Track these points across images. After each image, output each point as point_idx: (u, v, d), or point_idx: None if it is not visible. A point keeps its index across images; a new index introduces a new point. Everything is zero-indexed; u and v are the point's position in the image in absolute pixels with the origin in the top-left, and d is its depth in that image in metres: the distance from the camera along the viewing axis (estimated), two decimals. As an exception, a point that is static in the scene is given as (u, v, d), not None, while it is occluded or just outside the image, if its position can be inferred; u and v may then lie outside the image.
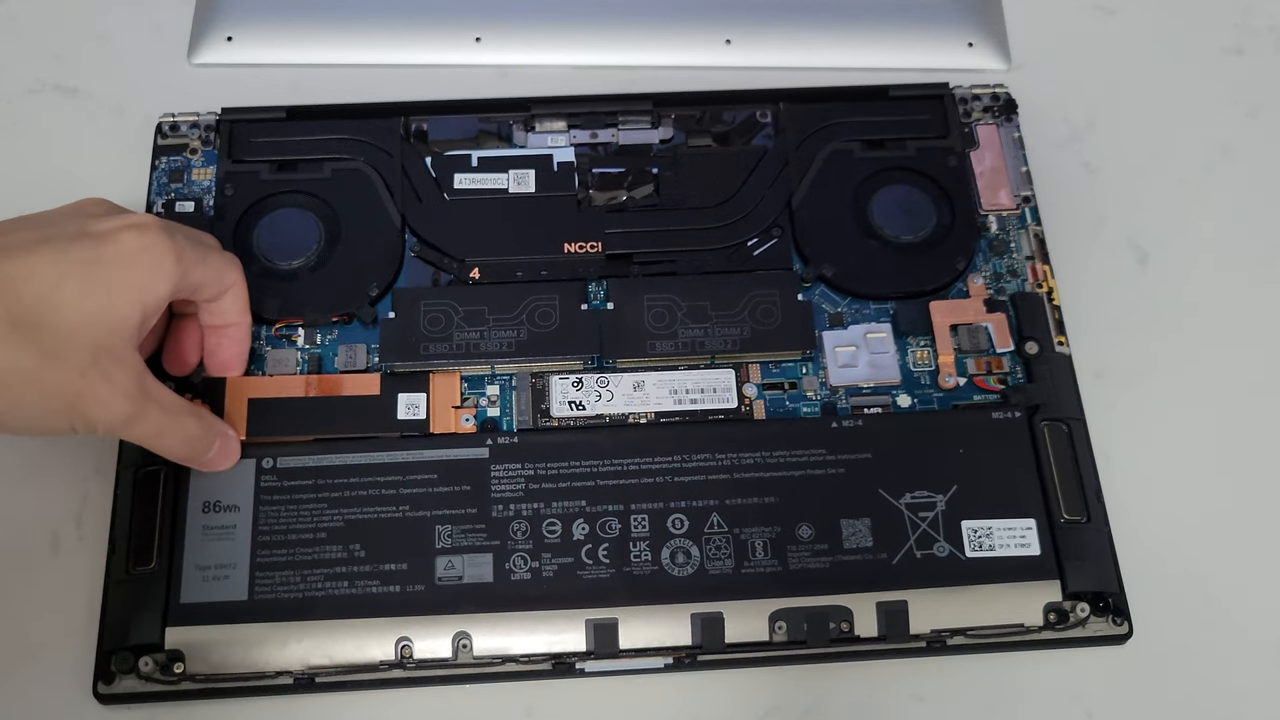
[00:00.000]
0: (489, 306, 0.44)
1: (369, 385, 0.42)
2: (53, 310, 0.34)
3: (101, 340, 0.35)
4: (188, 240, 0.38)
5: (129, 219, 0.37)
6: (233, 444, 0.41)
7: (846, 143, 0.48)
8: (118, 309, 0.36)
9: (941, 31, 0.53)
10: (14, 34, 0.52)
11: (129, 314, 0.36)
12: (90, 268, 0.35)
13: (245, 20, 0.52)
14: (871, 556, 0.40)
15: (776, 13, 0.53)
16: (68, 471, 0.43)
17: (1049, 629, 0.40)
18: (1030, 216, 0.47)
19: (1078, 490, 0.42)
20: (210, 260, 0.39)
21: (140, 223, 0.37)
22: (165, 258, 0.37)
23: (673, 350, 0.43)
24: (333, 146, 0.47)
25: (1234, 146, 0.51)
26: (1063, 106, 0.51)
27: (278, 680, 0.39)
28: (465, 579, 0.40)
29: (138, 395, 0.36)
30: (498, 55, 0.52)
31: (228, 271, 0.40)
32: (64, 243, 0.36)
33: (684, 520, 0.41)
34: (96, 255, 0.36)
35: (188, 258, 0.38)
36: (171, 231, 0.38)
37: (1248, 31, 0.54)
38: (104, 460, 0.43)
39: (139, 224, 0.37)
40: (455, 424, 0.42)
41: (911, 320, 0.44)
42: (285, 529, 0.40)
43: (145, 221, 0.37)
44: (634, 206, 0.46)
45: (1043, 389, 0.43)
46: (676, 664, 0.40)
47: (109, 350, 0.36)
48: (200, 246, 0.39)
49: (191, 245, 0.38)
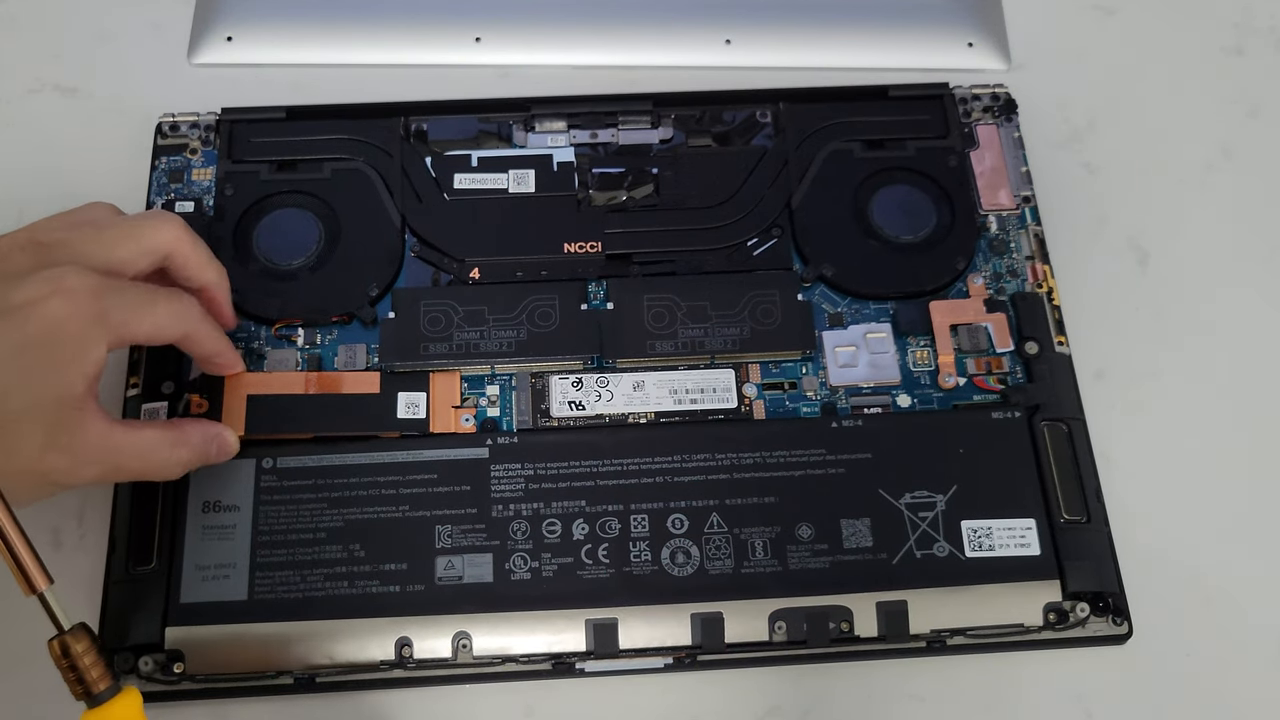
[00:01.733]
0: (489, 306, 0.44)
1: (369, 383, 0.42)
2: (4, 396, 0.34)
3: (51, 418, 0.34)
4: (121, 295, 0.36)
5: (51, 281, 0.35)
6: (226, 441, 0.40)
7: (846, 143, 0.48)
8: (58, 385, 0.34)
9: (941, 31, 0.53)
10: (14, 34, 0.52)
11: (71, 385, 0.34)
12: (18, 356, 0.34)
13: (245, 20, 0.52)
14: (871, 556, 0.40)
15: (776, 13, 0.53)
16: (68, 471, 0.43)
17: (1049, 629, 0.40)
18: (1030, 216, 0.47)
19: (1078, 490, 0.42)
20: (150, 311, 0.37)
21: (64, 287, 0.35)
22: (90, 326, 0.35)
23: (673, 350, 0.43)
24: (333, 146, 0.47)
25: (1234, 146, 0.51)
26: (1063, 106, 0.51)
27: (278, 680, 0.39)
28: (465, 579, 0.40)
29: (104, 455, 0.36)
30: (498, 55, 0.52)
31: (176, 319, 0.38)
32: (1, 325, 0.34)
33: (684, 520, 0.41)
34: (21, 338, 0.34)
35: (115, 319, 0.35)
36: (99, 292, 0.35)
37: (1248, 31, 0.54)
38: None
39: (61, 289, 0.34)
40: (455, 423, 0.42)
41: (911, 320, 0.44)
42: (285, 529, 0.40)
43: (71, 286, 0.35)
44: (634, 206, 0.46)
45: (1043, 389, 0.43)
46: (676, 664, 0.40)
47: (62, 424, 0.35)
48: (140, 296, 0.37)
49: (127, 298, 0.36)
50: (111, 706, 0.33)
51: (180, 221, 0.39)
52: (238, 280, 0.44)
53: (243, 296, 0.44)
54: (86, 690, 0.33)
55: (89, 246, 0.37)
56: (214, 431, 0.40)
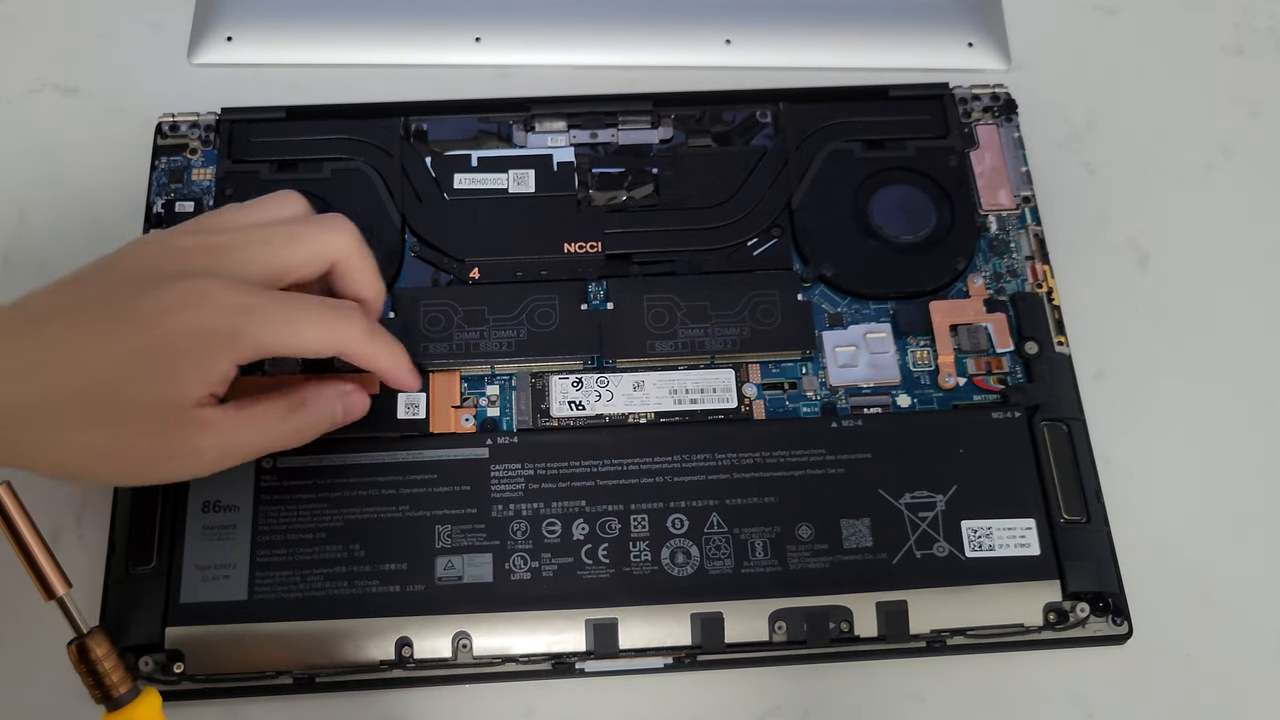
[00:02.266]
0: (489, 306, 0.44)
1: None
2: (118, 394, 0.34)
3: (167, 416, 0.34)
4: (264, 313, 0.35)
5: (190, 294, 0.34)
6: (353, 401, 0.39)
7: (846, 143, 0.48)
8: (179, 390, 0.34)
9: (941, 31, 0.53)
10: (14, 34, 0.52)
11: (188, 393, 0.34)
12: (135, 358, 0.34)
13: (245, 20, 0.52)
14: (871, 556, 0.40)
15: (776, 13, 0.53)
16: (68, 471, 0.43)
17: (1049, 629, 0.40)
18: (1030, 216, 0.47)
19: (1078, 490, 0.42)
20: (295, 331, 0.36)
21: (202, 302, 0.34)
22: (218, 341, 0.34)
23: (672, 350, 0.43)
24: (333, 146, 0.47)
25: (1234, 146, 0.51)
26: (1063, 106, 0.51)
27: (278, 680, 0.39)
28: (465, 579, 0.40)
29: (218, 448, 0.35)
30: (498, 55, 0.52)
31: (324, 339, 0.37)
32: (124, 325, 0.34)
33: (684, 520, 0.41)
34: (140, 343, 0.34)
35: (249, 338, 0.35)
36: (239, 310, 0.34)
37: (1248, 31, 0.54)
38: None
39: (198, 303, 0.34)
40: (455, 424, 0.42)
41: (911, 320, 0.44)
42: (285, 529, 0.40)
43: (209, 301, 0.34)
44: (634, 206, 0.46)
45: (1043, 389, 0.43)
46: (676, 664, 0.40)
47: (178, 422, 0.35)
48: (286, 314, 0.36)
49: (270, 317, 0.35)
50: (132, 709, 0.33)
51: (354, 230, 0.38)
52: (238, 280, 0.43)
53: (243, 296, 0.44)
54: (106, 694, 0.33)
55: (250, 250, 0.36)
56: (336, 391, 0.39)
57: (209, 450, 0.35)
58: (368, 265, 0.39)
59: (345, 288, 0.39)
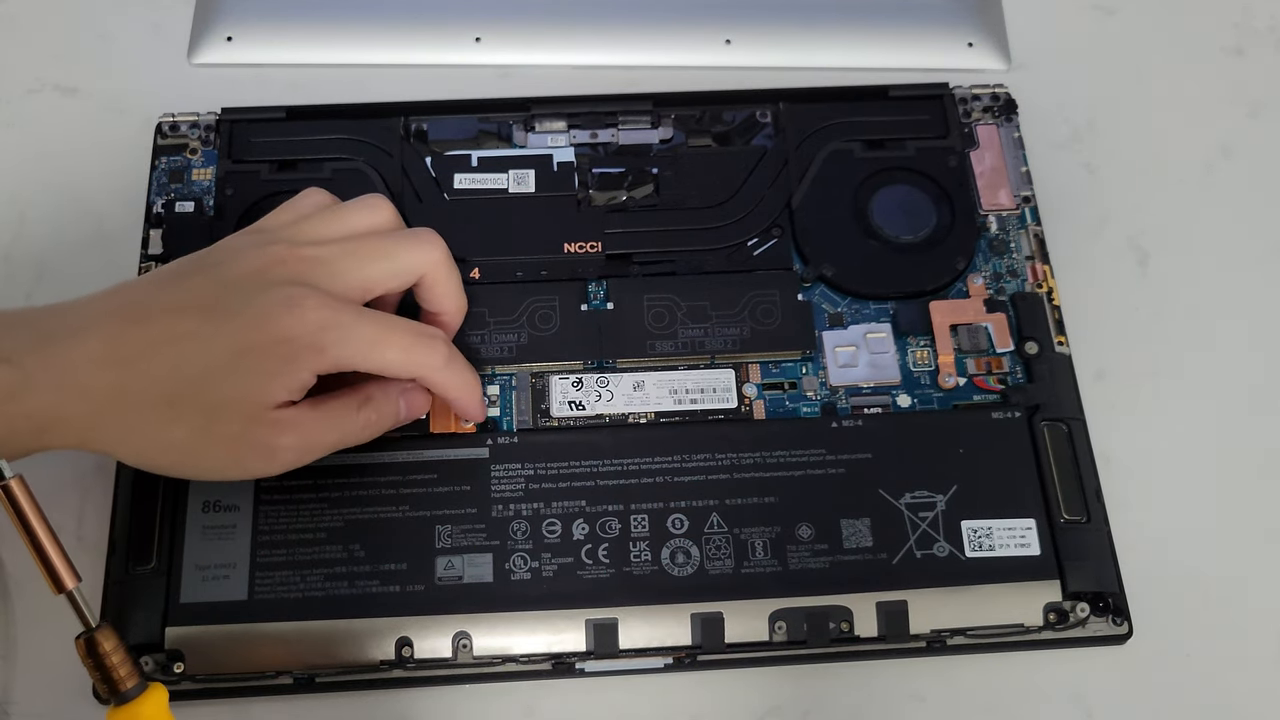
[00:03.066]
0: (489, 308, 0.44)
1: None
2: (203, 390, 0.35)
3: (251, 414, 0.36)
4: (351, 331, 0.36)
5: (290, 302, 0.35)
6: (414, 400, 0.40)
7: (846, 143, 0.48)
8: (264, 393, 0.35)
9: (941, 31, 0.53)
10: (14, 34, 0.52)
11: (274, 395, 0.36)
12: (238, 358, 0.35)
13: (245, 20, 0.52)
14: (871, 556, 0.40)
15: (776, 13, 0.53)
16: (68, 470, 0.43)
17: (1049, 629, 0.40)
18: (1030, 216, 0.47)
19: (1078, 490, 0.42)
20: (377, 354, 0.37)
21: (298, 311, 0.35)
22: (304, 353, 0.35)
23: (673, 350, 0.43)
24: (333, 146, 0.47)
25: (1234, 146, 0.51)
26: (1063, 106, 0.51)
27: (278, 680, 0.39)
28: (465, 579, 0.40)
29: (296, 447, 0.36)
30: (498, 55, 0.52)
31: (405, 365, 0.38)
32: (219, 322, 0.35)
33: (684, 520, 0.41)
34: (242, 342, 0.35)
35: (333, 354, 0.36)
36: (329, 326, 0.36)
37: (1248, 31, 0.54)
38: (104, 459, 0.43)
39: (295, 311, 0.35)
40: (455, 424, 0.42)
41: (911, 320, 0.44)
42: (285, 529, 0.40)
43: (304, 311, 0.35)
44: (634, 206, 0.46)
45: (1043, 389, 0.43)
46: (676, 664, 0.40)
47: (260, 421, 0.36)
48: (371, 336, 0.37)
49: (356, 336, 0.36)
50: (139, 704, 0.33)
51: (443, 245, 0.39)
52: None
53: (243, 296, 0.44)
54: (113, 688, 0.33)
55: (348, 263, 0.37)
56: (397, 389, 0.39)
57: (287, 449, 0.36)
58: (453, 281, 0.40)
59: (429, 300, 0.40)
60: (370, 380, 0.39)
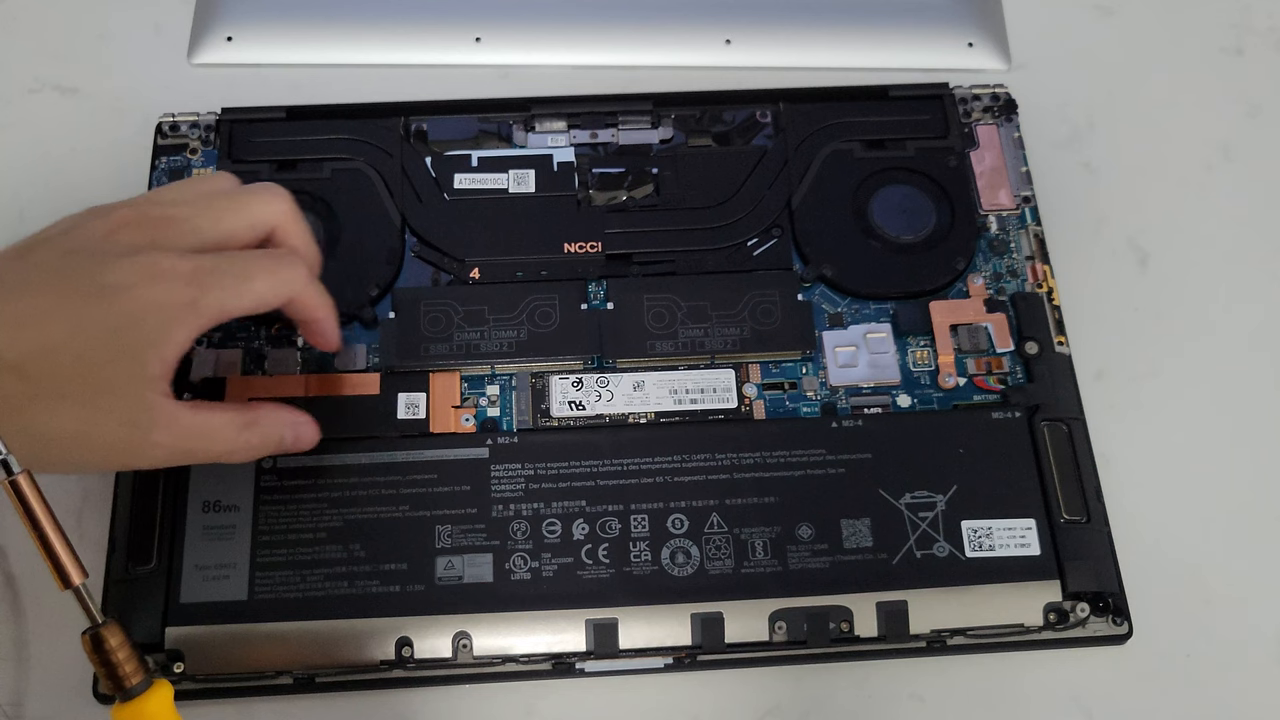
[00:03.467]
0: (489, 306, 0.44)
1: (369, 385, 0.42)
2: (84, 377, 0.34)
3: (126, 397, 0.35)
4: (217, 276, 0.36)
5: (146, 267, 0.35)
6: (303, 433, 0.39)
7: (846, 143, 0.48)
8: (136, 366, 0.35)
9: (941, 31, 0.53)
10: (14, 34, 0.52)
11: (147, 366, 0.35)
12: (109, 336, 0.34)
13: (245, 20, 0.52)
14: (871, 556, 0.40)
15: (776, 13, 0.53)
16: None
17: (1049, 629, 0.40)
18: (1030, 216, 0.47)
19: (1078, 490, 0.42)
20: (249, 287, 0.36)
21: (157, 272, 0.35)
22: (179, 312, 0.35)
23: (673, 350, 0.43)
24: (333, 146, 0.47)
25: (1234, 146, 0.51)
26: (1063, 106, 0.51)
27: (278, 680, 0.39)
28: (465, 579, 0.40)
29: (170, 437, 0.36)
30: (498, 55, 0.52)
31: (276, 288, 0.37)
32: (80, 303, 0.34)
33: (684, 520, 0.41)
34: (112, 319, 0.34)
35: (209, 303, 0.35)
36: (194, 276, 0.35)
37: (1248, 31, 0.54)
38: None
39: (154, 274, 0.35)
40: (455, 424, 0.42)
41: (911, 320, 0.44)
42: (285, 529, 0.40)
43: (164, 271, 0.35)
44: (634, 206, 0.46)
45: (1043, 389, 0.43)
46: (676, 664, 0.40)
47: (134, 403, 0.35)
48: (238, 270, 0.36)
49: (223, 278, 0.36)
50: (144, 700, 0.33)
51: (288, 195, 0.39)
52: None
53: (243, 296, 0.44)
54: (119, 684, 0.33)
55: (196, 220, 0.37)
56: (289, 419, 0.39)
57: (157, 445, 0.35)
58: (303, 229, 0.39)
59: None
60: (263, 404, 0.39)
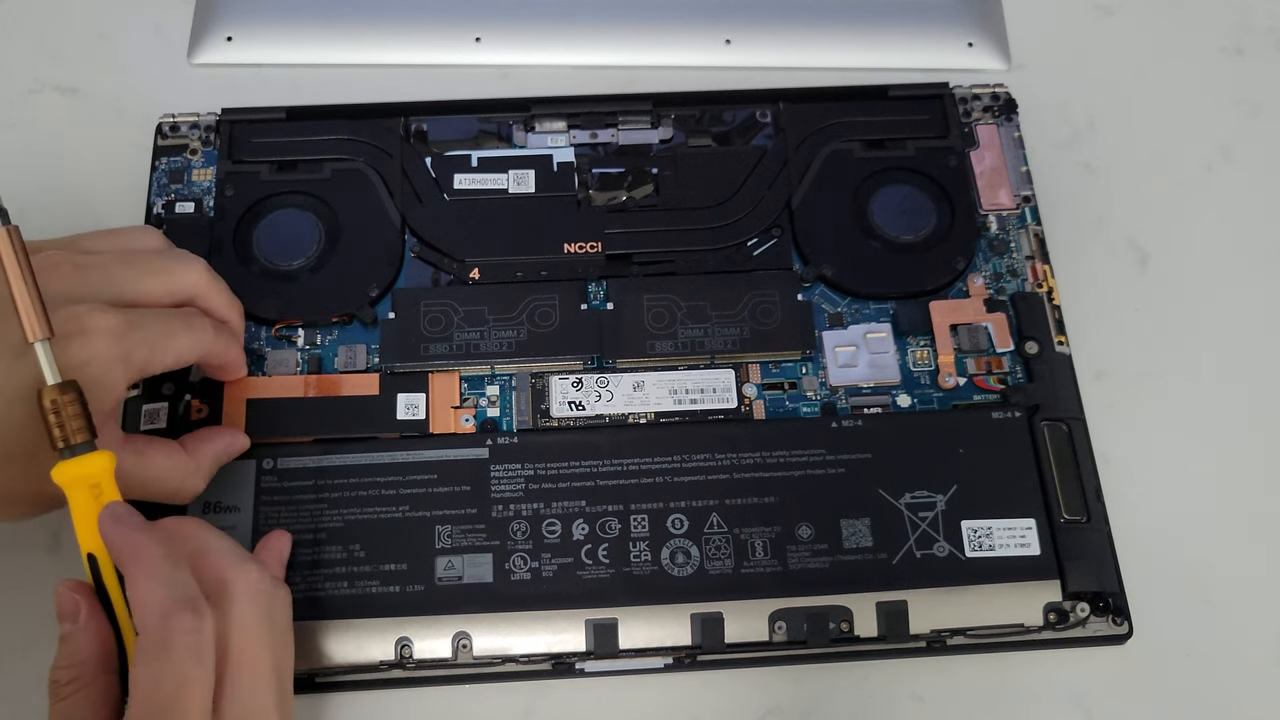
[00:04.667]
0: (489, 306, 0.44)
1: (368, 385, 0.42)
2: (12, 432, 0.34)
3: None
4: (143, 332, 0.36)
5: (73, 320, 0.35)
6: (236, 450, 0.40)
7: (846, 143, 0.48)
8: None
9: (941, 31, 0.53)
10: (14, 34, 0.52)
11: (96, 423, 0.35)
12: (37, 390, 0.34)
13: (245, 20, 0.52)
14: (871, 556, 0.40)
15: (776, 13, 0.53)
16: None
17: (1049, 629, 0.40)
18: (1030, 216, 0.47)
19: (1078, 490, 0.42)
20: (172, 343, 0.37)
21: (85, 328, 0.35)
22: (111, 368, 0.35)
23: (673, 350, 0.43)
24: (333, 147, 0.47)
25: (1234, 146, 0.51)
26: (1063, 106, 0.51)
27: (278, 680, 0.39)
28: (465, 579, 0.40)
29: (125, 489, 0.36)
30: (498, 55, 0.52)
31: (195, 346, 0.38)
32: (8, 362, 0.34)
33: (684, 520, 0.41)
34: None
35: (137, 358, 0.36)
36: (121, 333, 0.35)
37: (1248, 31, 0.54)
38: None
39: (83, 330, 0.35)
40: (455, 424, 0.42)
41: (911, 320, 0.44)
42: (285, 529, 0.40)
43: (92, 327, 0.35)
44: (634, 206, 0.46)
45: (1043, 389, 0.43)
46: (676, 664, 0.40)
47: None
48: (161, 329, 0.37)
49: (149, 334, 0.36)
50: (85, 459, 0.34)
51: (204, 266, 0.40)
52: (238, 281, 0.44)
53: (243, 297, 0.44)
54: (66, 440, 0.34)
55: (120, 273, 0.37)
56: (221, 446, 0.40)
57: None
58: (222, 294, 0.40)
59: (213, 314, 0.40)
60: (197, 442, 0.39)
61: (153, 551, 0.33)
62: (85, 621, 0.34)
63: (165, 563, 0.33)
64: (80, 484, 0.34)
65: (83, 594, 0.34)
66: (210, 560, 0.35)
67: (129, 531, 0.34)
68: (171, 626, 0.32)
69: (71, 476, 0.34)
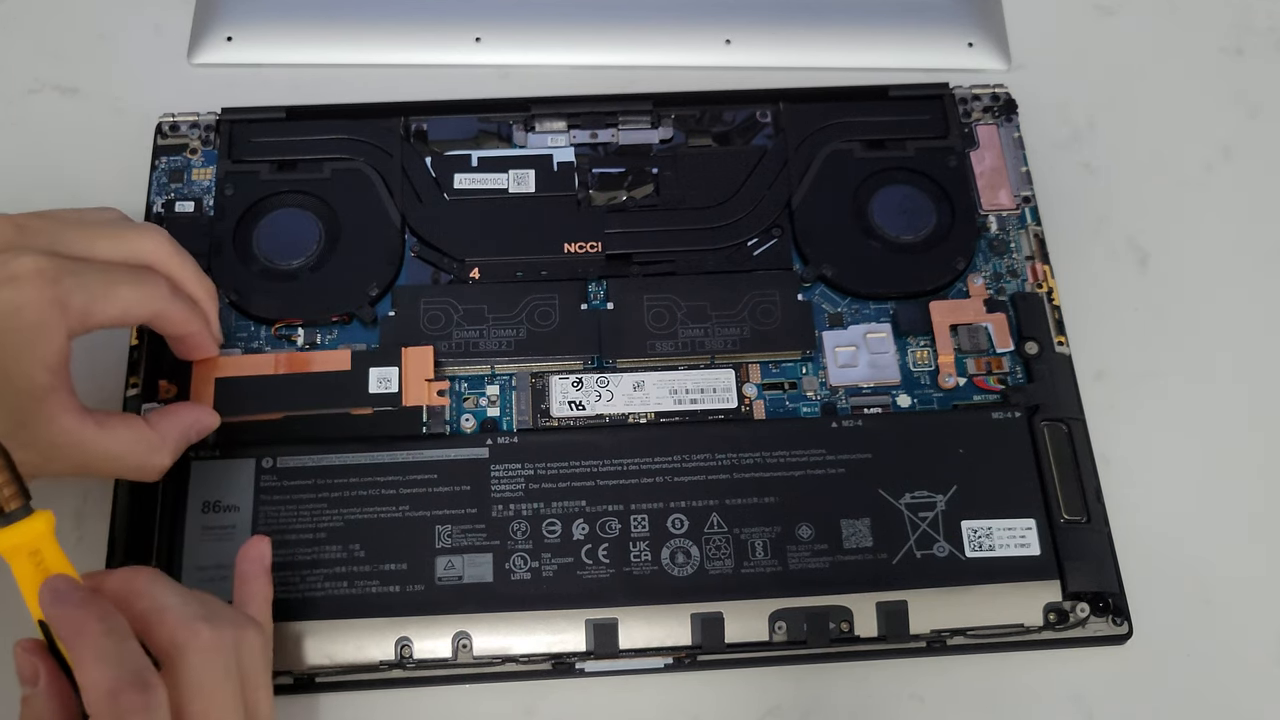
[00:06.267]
0: (489, 306, 0.44)
1: (339, 361, 0.42)
2: None
3: (13, 410, 0.34)
4: (79, 278, 0.35)
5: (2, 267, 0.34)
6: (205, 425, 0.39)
7: (846, 143, 0.48)
8: (17, 376, 0.34)
9: (941, 31, 0.53)
10: (14, 34, 0.52)
11: (31, 376, 0.34)
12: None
13: (245, 20, 0.52)
14: (871, 556, 0.40)
15: (776, 13, 0.53)
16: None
17: (1049, 629, 0.40)
18: (1030, 216, 0.47)
19: (1078, 490, 0.42)
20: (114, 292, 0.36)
21: (13, 273, 0.34)
22: (47, 313, 0.34)
23: (673, 350, 0.43)
24: (333, 146, 0.47)
25: (1234, 146, 0.51)
26: (1063, 106, 0.51)
27: (278, 680, 0.39)
28: (465, 579, 0.40)
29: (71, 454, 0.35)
30: (498, 55, 0.52)
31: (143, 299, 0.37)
32: None
33: (684, 520, 0.41)
34: None
35: (75, 304, 0.35)
36: (55, 276, 0.34)
37: (1248, 31, 0.54)
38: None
39: (11, 276, 0.34)
40: (429, 396, 0.42)
41: (911, 320, 0.44)
42: (285, 529, 0.40)
43: (21, 272, 0.34)
44: (634, 206, 0.46)
45: (1043, 389, 0.43)
46: (676, 664, 0.40)
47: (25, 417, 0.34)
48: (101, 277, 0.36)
49: (86, 280, 0.35)
50: (21, 525, 0.32)
51: (167, 235, 0.39)
52: (238, 280, 0.44)
53: (243, 296, 0.44)
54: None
55: (68, 234, 0.36)
56: (189, 421, 0.39)
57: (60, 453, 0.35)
58: (186, 267, 0.39)
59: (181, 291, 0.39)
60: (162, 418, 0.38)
61: (94, 629, 0.31)
62: (45, 686, 0.33)
63: (108, 640, 0.31)
64: (20, 552, 0.32)
65: (40, 656, 0.33)
66: (163, 621, 0.33)
67: (69, 609, 0.32)
68: (120, 707, 0.30)
69: (10, 546, 0.32)
